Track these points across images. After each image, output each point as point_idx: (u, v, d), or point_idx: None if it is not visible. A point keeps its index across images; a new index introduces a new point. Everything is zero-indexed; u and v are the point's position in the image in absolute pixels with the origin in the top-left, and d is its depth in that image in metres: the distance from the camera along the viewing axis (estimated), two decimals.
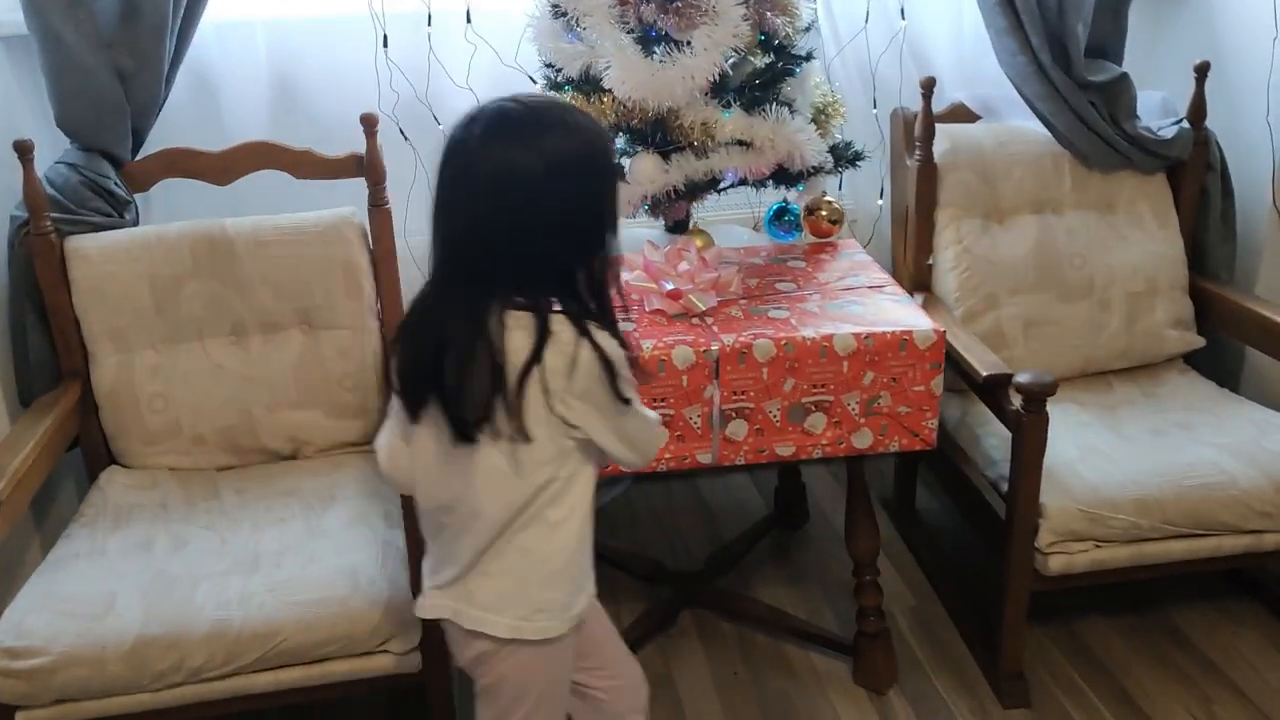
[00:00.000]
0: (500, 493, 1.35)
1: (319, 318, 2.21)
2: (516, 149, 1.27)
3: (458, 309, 1.28)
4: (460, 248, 1.30)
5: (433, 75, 2.40)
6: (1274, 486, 2.02)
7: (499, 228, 1.27)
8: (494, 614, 1.40)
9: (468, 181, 1.28)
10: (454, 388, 1.29)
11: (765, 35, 2.08)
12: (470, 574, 1.41)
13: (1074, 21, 2.31)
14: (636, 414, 1.39)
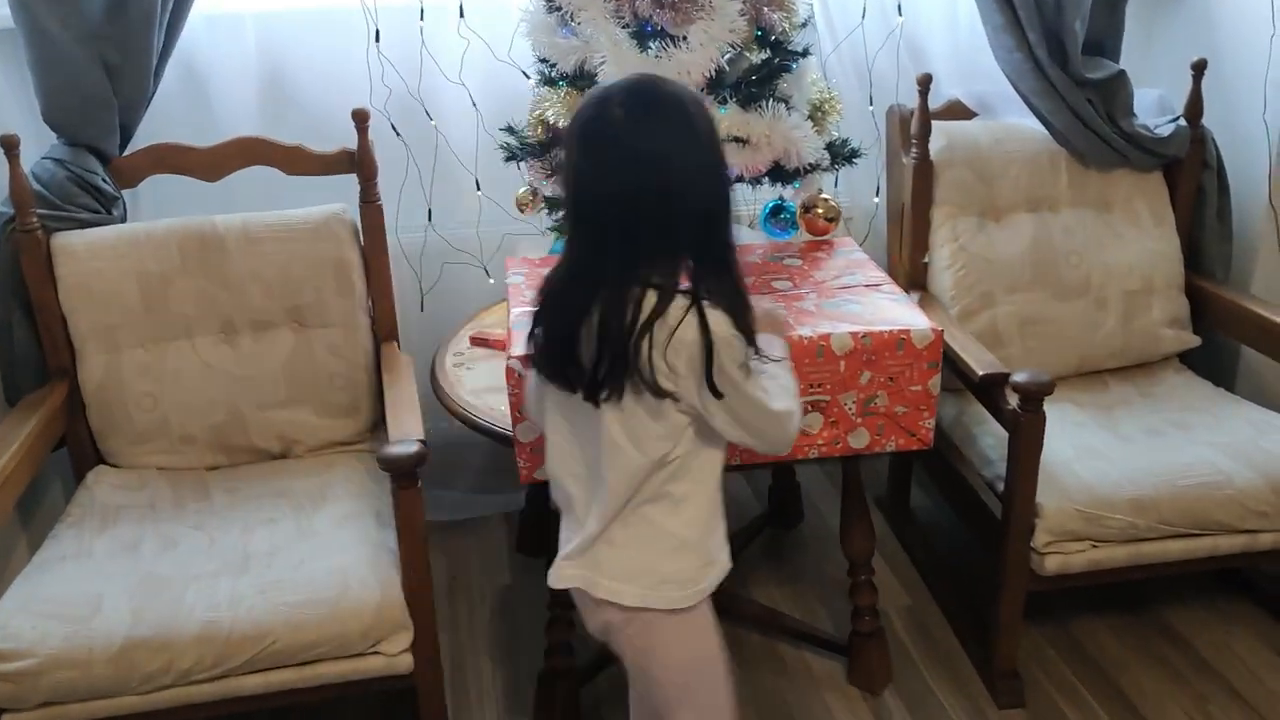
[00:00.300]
0: (619, 463, 1.38)
1: (310, 316, 2.19)
2: (669, 126, 1.31)
3: (600, 281, 1.33)
4: (604, 223, 1.32)
5: (425, 70, 2.37)
6: (1270, 486, 2.02)
7: (645, 204, 1.30)
8: (623, 583, 1.43)
9: (618, 158, 1.31)
10: (589, 355, 1.34)
11: (762, 31, 2.06)
12: (597, 543, 1.44)
13: (1071, 18, 2.30)
14: (748, 397, 1.38)
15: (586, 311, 1.34)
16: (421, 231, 2.49)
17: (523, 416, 1.70)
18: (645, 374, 1.32)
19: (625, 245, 1.31)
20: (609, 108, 1.32)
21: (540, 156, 2.15)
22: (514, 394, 1.70)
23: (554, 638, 2.04)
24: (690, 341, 1.32)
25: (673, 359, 1.32)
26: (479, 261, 2.54)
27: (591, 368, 1.34)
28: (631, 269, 1.32)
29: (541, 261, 2.11)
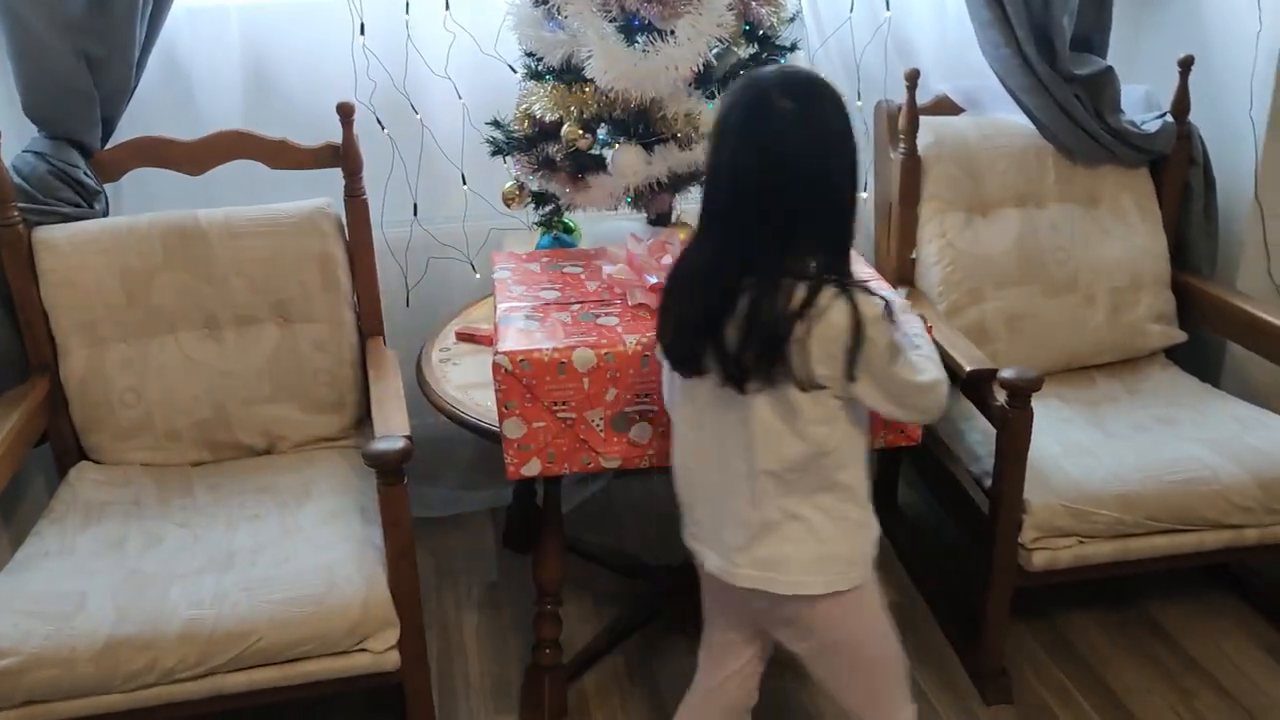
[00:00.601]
0: (775, 451, 1.41)
1: (294, 311, 2.17)
2: (832, 119, 1.35)
3: (747, 269, 1.36)
4: (761, 211, 1.35)
5: (410, 63, 2.36)
6: (1255, 482, 2.02)
7: (805, 194, 1.35)
8: (809, 574, 1.47)
9: (784, 149, 1.34)
10: (733, 340, 1.36)
11: (749, 25, 2.05)
12: (767, 539, 1.46)
13: (1059, 14, 2.30)
14: (900, 374, 1.42)
15: (732, 300, 1.36)
16: (407, 226, 2.48)
17: (510, 412, 1.69)
18: (797, 363, 1.35)
19: (778, 234, 1.35)
20: (774, 99, 1.33)
21: (527, 151, 2.14)
22: (501, 389, 1.68)
23: (542, 634, 2.03)
24: (845, 327, 1.34)
25: (829, 346, 1.35)
26: (465, 256, 2.53)
27: (737, 355, 1.36)
28: (780, 257, 1.35)
29: (528, 256, 2.10)
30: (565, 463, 1.75)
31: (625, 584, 2.44)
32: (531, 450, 1.73)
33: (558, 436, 1.72)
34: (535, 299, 1.88)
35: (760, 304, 1.34)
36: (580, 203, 2.11)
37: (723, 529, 1.49)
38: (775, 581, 1.47)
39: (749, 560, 1.48)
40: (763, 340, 1.35)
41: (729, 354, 1.37)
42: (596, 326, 1.76)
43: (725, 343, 1.37)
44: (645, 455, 1.76)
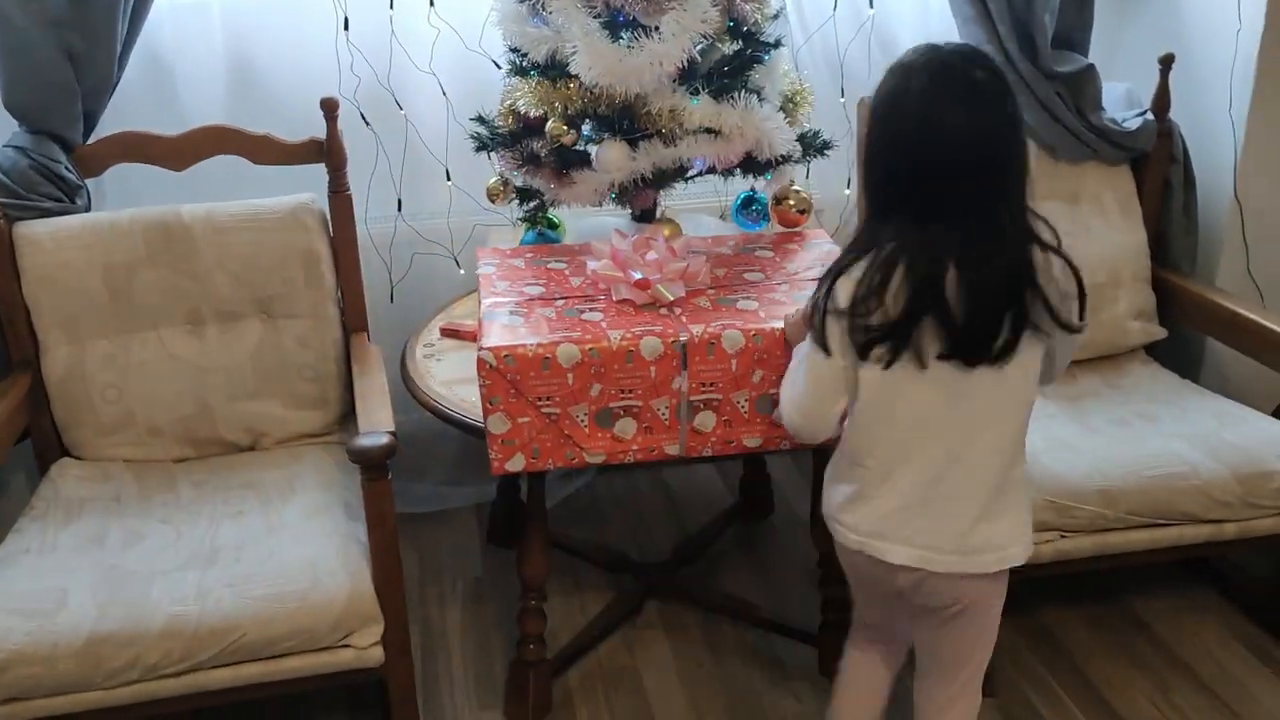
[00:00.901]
0: (1015, 418, 1.47)
1: (278, 306, 2.17)
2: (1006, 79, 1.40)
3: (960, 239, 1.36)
4: (963, 182, 1.36)
5: (395, 59, 2.35)
6: (1234, 477, 2.04)
7: (1014, 164, 1.38)
8: (1008, 548, 1.50)
9: (1001, 119, 1.37)
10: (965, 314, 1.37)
11: (734, 22, 2.04)
12: (997, 513, 1.47)
13: (1041, 12, 2.31)
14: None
15: (942, 278, 1.36)
16: (391, 222, 2.47)
17: (494, 408, 1.69)
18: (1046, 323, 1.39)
19: (1002, 205, 1.37)
20: (978, 71, 1.37)
21: (511, 146, 2.14)
22: (485, 385, 1.68)
23: (526, 629, 2.03)
24: (1070, 287, 1.42)
25: (1063, 304, 1.40)
26: (449, 252, 2.53)
27: (980, 329, 1.37)
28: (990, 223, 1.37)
29: (513, 252, 2.10)
30: (549, 458, 1.75)
31: (610, 579, 2.45)
32: (516, 446, 1.73)
33: (542, 432, 1.72)
34: (520, 295, 1.88)
35: (1012, 275, 1.37)
36: (564, 199, 2.11)
37: (927, 523, 1.47)
38: (986, 561, 1.48)
39: (971, 543, 1.47)
40: (1015, 311, 1.37)
41: (960, 333, 1.37)
42: (581, 322, 1.76)
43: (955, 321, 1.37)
44: (629, 451, 1.76)
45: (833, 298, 1.43)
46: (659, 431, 1.77)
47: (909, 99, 1.38)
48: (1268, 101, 2.43)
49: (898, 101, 1.40)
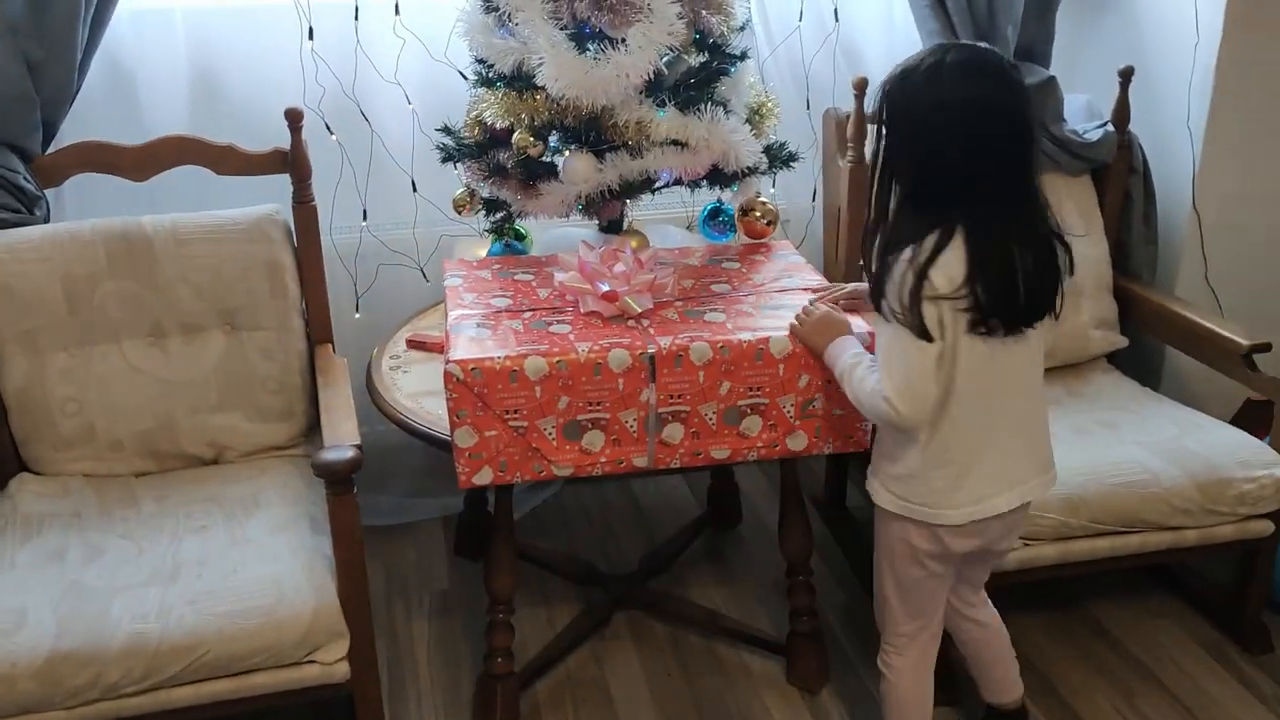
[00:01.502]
0: (1038, 381, 1.67)
1: (242, 318, 2.15)
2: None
3: (1022, 222, 1.54)
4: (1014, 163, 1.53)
5: (360, 69, 2.34)
6: (1194, 484, 2.07)
7: (1034, 144, 1.55)
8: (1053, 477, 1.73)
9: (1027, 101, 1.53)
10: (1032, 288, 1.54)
11: (700, 34, 2.06)
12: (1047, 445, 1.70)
13: (1004, 25, 2.34)
14: None
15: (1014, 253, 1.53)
16: (357, 232, 2.46)
17: (461, 421, 1.69)
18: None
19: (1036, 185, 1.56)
20: (1006, 63, 1.53)
21: (478, 157, 2.13)
22: (452, 398, 1.68)
23: (494, 642, 2.02)
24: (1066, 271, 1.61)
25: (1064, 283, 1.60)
26: (416, 263, 2.52)
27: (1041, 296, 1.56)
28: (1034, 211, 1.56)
29: (480, 263, 2.09)
30: (517, 471, 1.74)
31: (578, 590, 2.44)
32: (483, 459, 1.72)
33: (509, 445, 1.72)
34: (487, 307, 1.88)
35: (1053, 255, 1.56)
36: (531, 210, 2.11)
37: (1020, 462, 1.66)
38: (1053, 477, 1.72)
39: (1044, 465, 1.70)
40: (1056, 283, 1.58)
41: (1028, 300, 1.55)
42: (548, 334, 1.76)
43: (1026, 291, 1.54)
44: (597, 463, 1.76)
45: (930, 285, 1.51)
46: (627, 444, 1.77)
47: (975, 98, 1.48)
48: (1225, 114, 2.47)
49: (961, 101, 1.49)
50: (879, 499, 1.70)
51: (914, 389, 1.56)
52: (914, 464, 1.63)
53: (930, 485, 1.63)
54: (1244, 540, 2.15)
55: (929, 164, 1.53)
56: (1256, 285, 2.60)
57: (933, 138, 1.51)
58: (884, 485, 1.68)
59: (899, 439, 1.64)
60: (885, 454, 1.68)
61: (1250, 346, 2.19)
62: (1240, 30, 2.41)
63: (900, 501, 1.66)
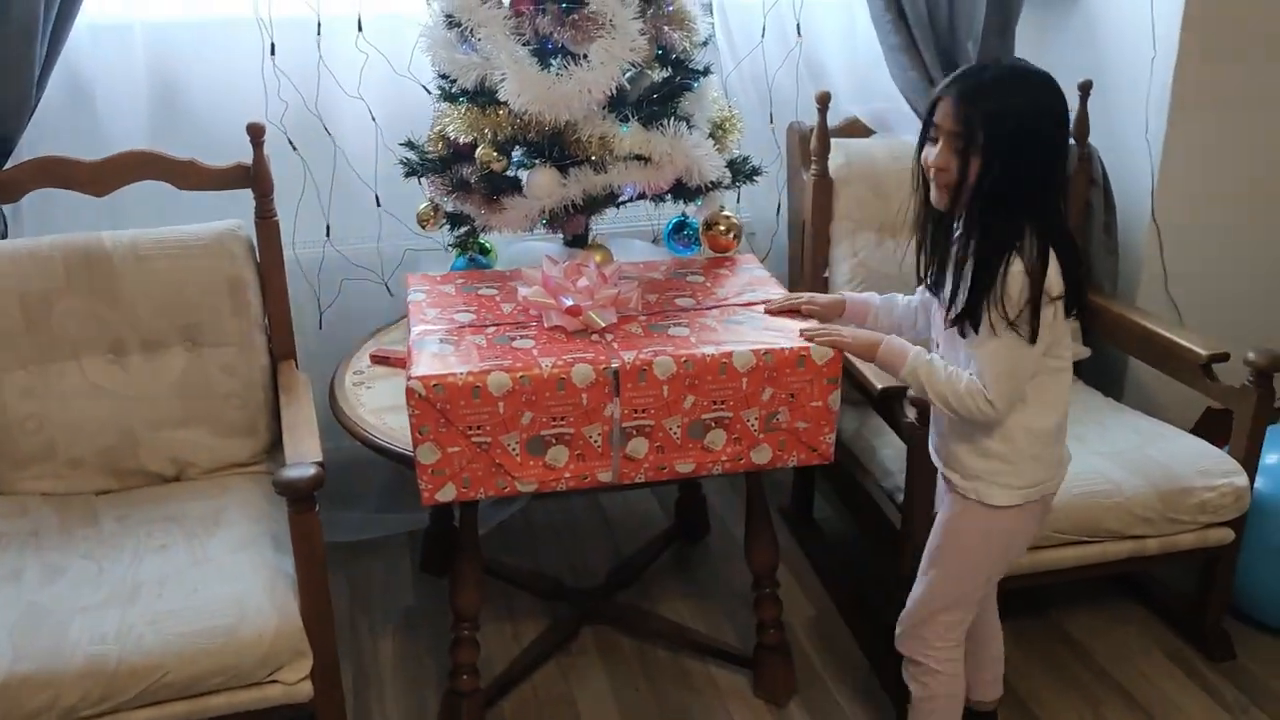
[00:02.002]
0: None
1: (203, 334, 2.13)
2: None
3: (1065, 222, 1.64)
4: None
5: (322, 84, 2.33)
6: (1156, 493, 2.09)
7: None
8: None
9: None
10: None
11: (663, 49, 2.06)
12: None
13: (964, 39, 2.36)
14: None
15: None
16: (320, 247, 2.45)
17: (424, 437, 1.68)
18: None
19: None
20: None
21: (441, 172, 2.13)
22: (415, 414, 1.67)
23: (459, 658, 2.01)
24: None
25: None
26: (379, 277, 2.51)
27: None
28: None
29: (443, 278, 2.08)
30: (481, 487, 1.73)
31: (544, 605, 2.43)
32: (446, 475, 1.71)
33: (473, 461, 1.71)
34: (450, 322, 1.87)
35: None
36: (495, 224, 2.11)
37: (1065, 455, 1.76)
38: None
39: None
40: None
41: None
42: (512, 350, 1.76)
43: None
44: (561, 478, 1.76)
45: (1048, 289, 1.56)
46: (591, 459, 1.76)
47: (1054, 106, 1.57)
48: (1182, 126, 2.51)
49: (1048, 109, 1.57)
50: (998, 500, 1.69)
51: (1017, 392, 1.63)
52: (1027, 445, 1.67)
53: (1043, 460, 1.70)
54: (1205, 548, 2.18)
55: (1035, 171, 1.57)
56: (1215, 295, 2.63)
57: (1038, 145, 1.56)
58: (995, 484, 1.69)
59: (994, 435, 1.67)
60: (991, 453, 1.68)
61: (1209, 356, 2.21)
62: (1196, 44, 2.45)
63: (1021, 490, 1.69)
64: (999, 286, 1.56)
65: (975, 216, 1.59)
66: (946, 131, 1.57)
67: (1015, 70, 1.60)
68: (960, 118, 1.55)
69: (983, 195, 1.57)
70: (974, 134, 1.55)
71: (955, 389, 1.62)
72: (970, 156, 1.56)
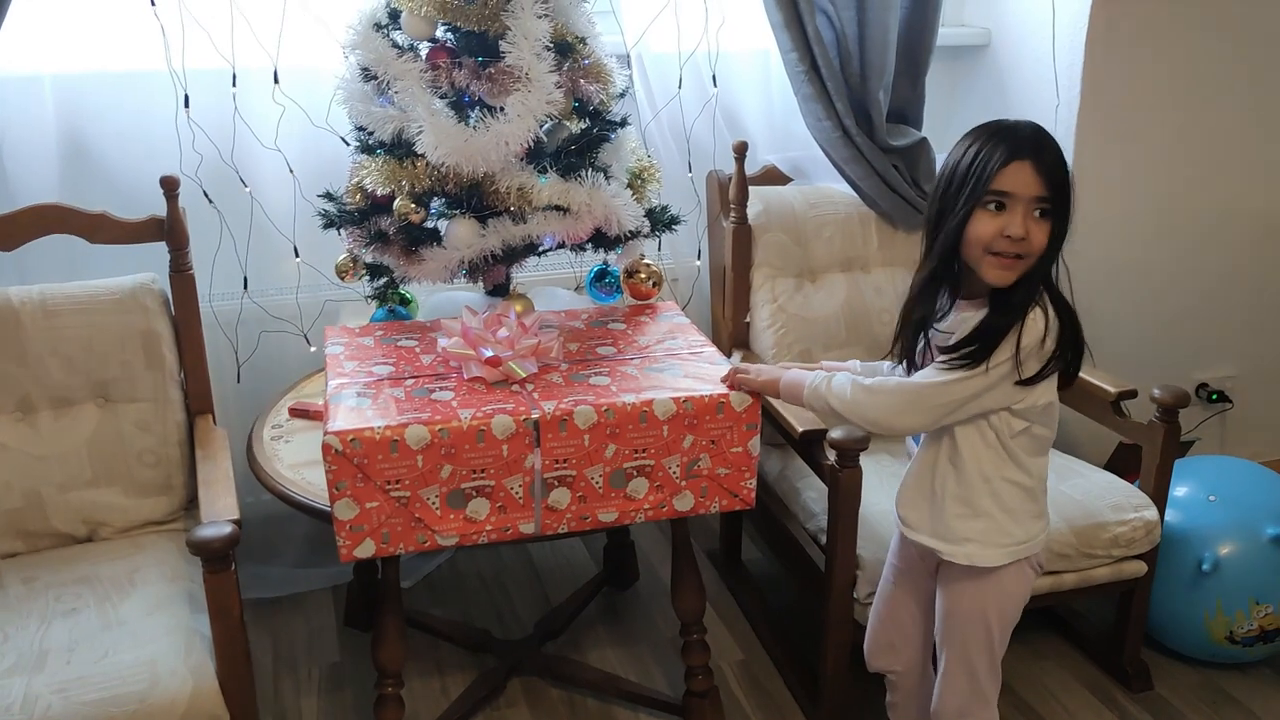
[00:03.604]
0: None
1: (116, 390, 2.09)
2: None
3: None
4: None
5: (239, 136, 2.31)
6: (1070, 529, 2.13)
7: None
8: None
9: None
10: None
11: (580, 101, 2.08)
12: None
13: (876, 89, 2.42)
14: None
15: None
16: (237, 300, 2.41)
17: (341, 493, 1.66)
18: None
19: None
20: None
21: (359, 224, 2.12)
22: (331, 470, 1.65)
23: (383, 716, 1.97)
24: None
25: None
26: (299, 329, 2.48)
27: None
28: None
29: (362, 330, 2.07)
30: (400, 542, 1.72)
31: (472, 658, 2.41)
32: (365, 531, 1.69)
33: (392, 516, 1.69)
34: (368, 374, 1.85)
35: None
36: (414, 275, 2.10)
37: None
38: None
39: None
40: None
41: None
42: (431, 402, 1.75)
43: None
44: (483, 531, 1.75)
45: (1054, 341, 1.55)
46: (513, 510, 1.76)
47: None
48: (1086, 171, 2.60)
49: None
50: (991, 560, 1.65)
51: (941, 421, 1.60)
52: (995, 511, 1.64)
53: (1033, 515, 1.68)
54: (1120, 581, 2.23)
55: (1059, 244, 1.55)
56: (1124, 332, 2.71)
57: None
58: (990, 543, 1.65)
59: (982, 491, 1.64)
60: (961, 513, 1.65)
61: (1118, 394, 2.27)
62: (1095, 93, 2.55)
63: (1015, 548, 1.66)
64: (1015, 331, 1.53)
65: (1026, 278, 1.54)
66: (1028, 198, 1.49)
67: (1036, 125, 1.55)
68: (1044, 180, 1.49)
69: (1049, 257, 1.53)
70: (1059, 195, 1.50)
71: (857, 389, 1.62)
72: (1048, 220, 1.51)
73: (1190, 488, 2.36)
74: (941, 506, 1.66)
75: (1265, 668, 2.40)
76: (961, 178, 1.54)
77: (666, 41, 2.52)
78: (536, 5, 1.95)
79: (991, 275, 1.54)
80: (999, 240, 1.51)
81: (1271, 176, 2.86)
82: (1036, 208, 1.50)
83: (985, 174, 1.50)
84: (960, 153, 1.56)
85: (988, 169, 1.50)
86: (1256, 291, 2.98)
